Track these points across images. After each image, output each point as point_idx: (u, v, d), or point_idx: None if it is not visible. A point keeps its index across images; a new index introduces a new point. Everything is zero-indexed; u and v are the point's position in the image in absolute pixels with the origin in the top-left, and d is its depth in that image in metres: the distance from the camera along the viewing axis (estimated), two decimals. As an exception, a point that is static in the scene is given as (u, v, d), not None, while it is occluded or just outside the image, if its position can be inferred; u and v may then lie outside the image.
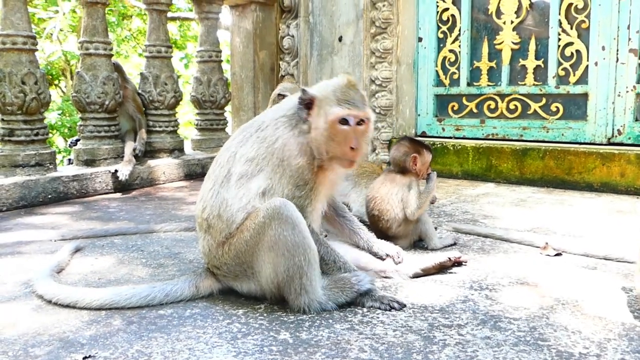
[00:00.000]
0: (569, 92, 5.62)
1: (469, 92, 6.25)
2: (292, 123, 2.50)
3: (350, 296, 2.40)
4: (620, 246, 3.12)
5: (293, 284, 2.34)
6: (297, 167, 2.44)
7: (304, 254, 2.32)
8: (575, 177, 5.23)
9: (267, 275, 2.38)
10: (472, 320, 2.26)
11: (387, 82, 6.46)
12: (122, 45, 19.25)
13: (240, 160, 2.48)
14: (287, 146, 2.45)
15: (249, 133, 2.54)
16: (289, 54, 7.21)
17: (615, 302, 2.43)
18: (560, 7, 5.61)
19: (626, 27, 5.24)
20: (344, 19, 6.83)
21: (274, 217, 2.33)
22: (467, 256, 3.10)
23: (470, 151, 5.86)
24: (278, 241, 2.32)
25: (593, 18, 5.43)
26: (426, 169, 3.35)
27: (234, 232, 2.42)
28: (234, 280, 2.52)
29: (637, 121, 5.27)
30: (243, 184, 2.44)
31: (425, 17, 6.48)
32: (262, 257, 2.37)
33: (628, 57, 5.26)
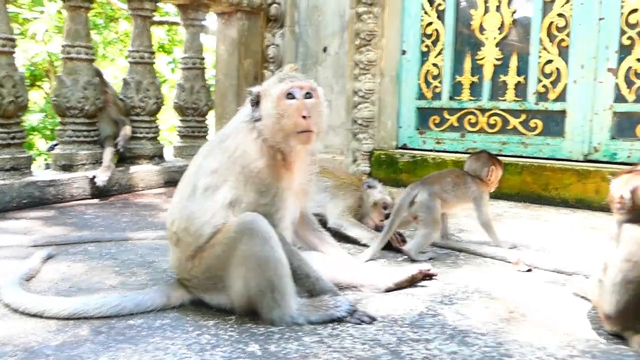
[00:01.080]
0: (548, 109, 5.69)
1: (451, 106, 6.31)
2: (249, 127, 2.49)
3: (323, 317, 2.38)
4: (590, 262, 3.15)
5: (265, 299, 2.34)
6: (257, 171, 2.43)
7: (275, 268, 2.33)
8: (551, 192, 5.29)
9: (238, 289, 2.38)
10: (441, 334, 2.27)
11: (370, 93, 6.50)
12: (108, 48, 19.16)
13: (205, 172, 2.47)
14: (246, 152, 2.45)
15: (212, 145, 2.55)
16: (273, 62, 7.23)
17: (581, 318, 2.46)
18: (542, 25, 5.70)
19: (605, 47, 5.33)
20: (329, 30, 6.87)
21: (245, 232, 2.33)
22: (440, 270, 3.12)
23: (450, 164, 5.89)
24: (249, 256, 2.33)
25: (573, 37, 5.51)
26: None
27: (203, 246, 2.41)
28: (204, 293, 2.52)
29: (614, 139, 5.35)
30: (208, 197, 2.44)
31: (410, 31, 6.54)
32: (233, 272, 2.37)
33: (606, 76, 5.35)
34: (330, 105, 7.19)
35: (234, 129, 2.56)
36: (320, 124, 2.52)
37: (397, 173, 6.30)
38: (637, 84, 5.21)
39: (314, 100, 2.48)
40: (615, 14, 5.28)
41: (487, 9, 6.04)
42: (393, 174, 6.32)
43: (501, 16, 5.95)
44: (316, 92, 2.50)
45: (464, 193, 3.58)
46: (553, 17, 5.63)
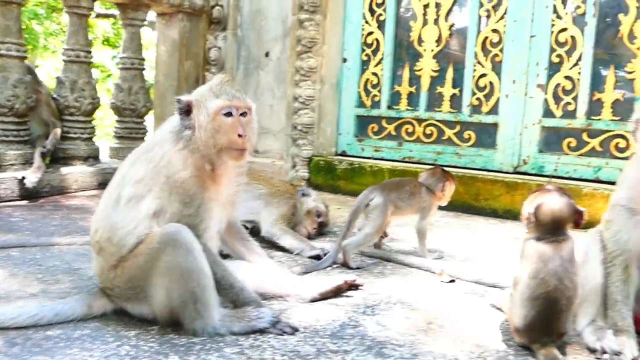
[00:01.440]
0: (481, 122, 5.88)
1: (389, 115, 6.43)
2: (176, 137, 2.49)
3: (245, 329, 2.40)
4: (509, 274, 3.29)
5: (187, 310, 2.35)
6: (181, 181, 2.43)
7: (197, 280, 2.34)
8: (482, 203, 5.47)
9: (160, 300, 2.38)
10: (359, 346, 2.33)
11: (311, 100, 6.55)
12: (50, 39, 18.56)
13: (129, 182, 2.46)
14: (171, 162, 2.45)
15: (138, 154, 2.54)
16: (215, 65, 7.19)
17: (494, 329, 2.56)
18: (477, 40, 5.88)
19: (535, 63, 5.56)
20: (272, 35, 6.89)
21: (169, 243, 2.33)
22: (367, 280, 3.19)
23: (387, 173, 6.01)
24: (172, 267, 2.33)
25: (506, 53, 5.72)
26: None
27: (126, 256, 2.40)
28: (127, 302, 2.50)
29: (541, 153, 5.57)
30: (132, 207, 2.42)
31: (351, 39, 6.63)
32: (156, 282, 2.37)
33: (536, 91, 5.57)
34: (271, 110, 7.20)
35: (161, 138, 2.55)
36: (253, 140, 2.57)
37: (335, 180, 6.37)
38: (564, 100, 5.45)
39: (249, 117, 2.53)
40: (545, 32, 5.51)
41: (425, 21, 6.18)
42: (331, 180, 6.39)
43: (439, 29, 6.11)
44: (251, 110, 2.54)
45: (417, 203, 3.72)
46: (488, 32, 5.83)
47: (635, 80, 5.12)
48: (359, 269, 3.43)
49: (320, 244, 4.03)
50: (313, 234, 4.21)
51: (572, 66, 5.39)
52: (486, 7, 5.84)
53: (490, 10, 5.83)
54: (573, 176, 5.38)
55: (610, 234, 2.49)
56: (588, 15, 5.29)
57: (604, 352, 2.30)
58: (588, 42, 5.29)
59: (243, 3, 7.04)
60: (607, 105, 5.27)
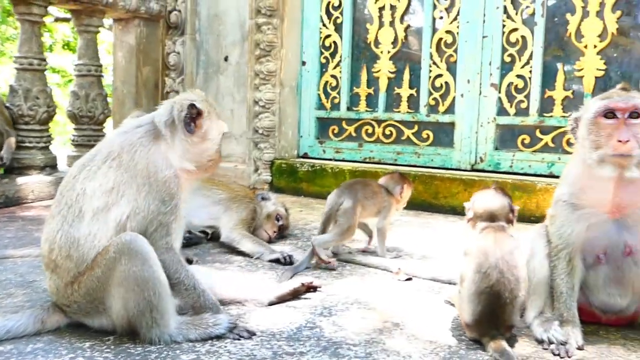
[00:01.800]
0: (439, 121, 5.99)
1: (349, 116, 6.49)
2: (154, 140, 2.53)
3: (202, 336, 2.41)
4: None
5: (144, 318, 2.35)
6: (163, 180, 2.47)
7: (154, 288, 2.34)
8: (441, 201, 5.56)
9: (117, 310, 2.37)
10: (315, 347, 2.36)
11: (271, 103, 6.57)
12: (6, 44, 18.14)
13: (95, 194, 2.42)
14: (152, 162, 2.47)
15: (95, 166, 2.48)
16: (174, 70, 7.15)
17: (447, 325, 2.63)
18: (432, 41, 5.99)
19: (488, 63, 5.68)
20: (230, 39, 6.88)
21: (124, 252, 2.32)
22: (325, 281, 3.23)
23: (348, 174, 6.07)
24: (128, 276, 2.32)
25: (460, 53, 5.83)
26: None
27: (83, 270, 2.38)
28: (85, 317, 2.47)
29: (497, 150, 5.70)
30: (99, 219, 2.40)
31: (309, 42, 6.67)
32: (112, 293, 2.36)
33: (489, 90, 5.70)
34: (232, 114, 7.20)
35: (127, 145, 2.51)
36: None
37: (297, 182, 6.40)
38: (517, 99, 5.59)
39: None
40: (497, 33, 5.64)
41: (381, 23, 6.27)
42: (293, 183, 6.42)
43: (395, 31, 6.20)
44: None
45: (380, 202, 3.83)
46: (442, 33, 5.94)
47: (584, 77, 5.28)
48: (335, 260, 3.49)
49: (280, 247, 4.06)
50: (274, 237, 4.23)
51: (523, 65, 5.53)
52: (440, 9, 5.96)
53: (443, 12, 5.94)
54: (528, 172, 5.52)
55: (554, 228, 2.57)
56: (537, 16, 5.44)
57: (550, 343, 2.38)
58: (538, 41, 5.44)
59: (201, 8, 7.02)
60: (558, 103, 5.42)
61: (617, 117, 2.35)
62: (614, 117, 2.36)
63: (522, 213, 5.09)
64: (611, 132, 2.35)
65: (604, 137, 2.36)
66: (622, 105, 2.35)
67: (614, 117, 2.36)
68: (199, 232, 4.17)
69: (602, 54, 5.22)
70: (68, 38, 19.27)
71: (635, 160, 2.31)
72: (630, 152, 2.30)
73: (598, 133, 2.39)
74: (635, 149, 2.30)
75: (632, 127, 2.33)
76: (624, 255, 2.51)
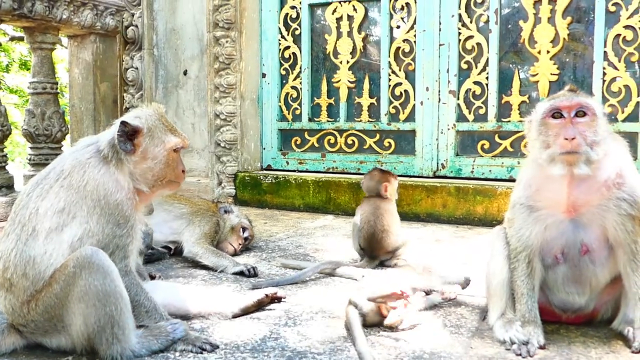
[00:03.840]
0: (400, 129, 6.05)
1: (311, 127, 6.51)
2: (103, 160, 2.46)
3: (164, 344, 2.39)
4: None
5: (105, 334, 2.29)
6: (116, 203, 2.41)
7: (115, 303, 2.28)
8: (404, 208, 5.58)
9: (77, 327, 2.30)
10: (279, 357, 2.34)
11: (232, 116, 6.54)
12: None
13: (47, 214, 2.36)
14: (103, 185, 2.41)
15: (47, 184, 2.42)
16: (133, 86, 7.06)
17: (411, 331, 2.63)
18: (390, 50, 6.06)
19: (446, 70, 5.77)
20: (189, 53, 6.84)
21: (84, 267, 2.27)
22: (290, 291, 3.22)
23: (311, 184, 6.08)
24: (88, 291, 2.26)
25: (418, 61, 5.91)
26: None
27: (40, 288, 2.32)
28: (43, 336, 2.40)
29: (458, 156, 5.79)
30: (53, 238, 2.34)
31: (268, 54, 6.68)
32: (72, 309, 2.29)
33: (448, 97, 5.79)
34: (193, 128, 7.12)
35: (79, 165, 2.45)
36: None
37: (261, 194, 6.38)
38: (475, 105, 5.69)
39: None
40: (453, 41, 5.74)
41: (340, 33, 6.32)
42: (258, 195, 6.39)
43: (353, 41, 6.25)
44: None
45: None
46: (399, 42, 6.02)
47: (539, 82, 5.41)
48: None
49: (245, 259, 4.04)
50: (239, 249, 4.20)
51: (480, 72, 5.64)
52: (396, 18, 6.04)
53: (400, 21, 6.03)
54: (489, 177, 5.61)
55: (513, 231, 2.60)
56: (491, 23, 5.56)
57: (512, 343, 2.41)
58: (493, 48, 5.56)
59: (158, 22, 6.96)
60: (515, 108, 5.54)
61: (564, 116, 2.40)
62: (561, 117, 2.41)
63: (484, 217, 5.23)
64: (558, 131, 2.39)
65: (552, 136, 2.41)
66: (567, 103, 2.41)
67: (561, 117, 2.41)
68: (162, 248, 4.10)
69: (556, 59, 5.36)
70: (25, 58, 18.90)
71: (583, 157, 2.36)
72: (577, 149, 2.35)
73: (547, 133, 2.43)
74: (582, 146, 2.35)
75: (578, 125, 2.38)
76: (581, 254, 2.55)
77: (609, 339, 2.53)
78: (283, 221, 5.55)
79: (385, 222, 3.80)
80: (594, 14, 5.21)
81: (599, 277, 2.56)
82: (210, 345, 2.43)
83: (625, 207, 2.44)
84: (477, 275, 3.09)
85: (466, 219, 5.35)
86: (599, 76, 5.17)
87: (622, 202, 2.44)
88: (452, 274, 3.27)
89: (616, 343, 2.49)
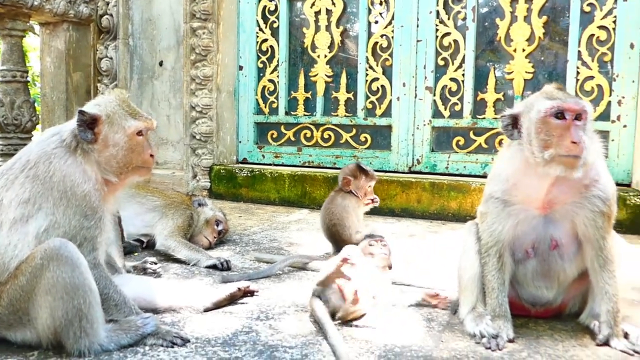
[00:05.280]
0: (376, 124, 6.06)
1: (287, 121, 6.49)
2: (69, 151, 2.43)
3: (133, 338, 2.36)
4: (399, 270, 3.41)
5: (72, 328, 2.24)
6: (83, 195, 2.37)
7: (83, 296, 2.24)
8: (380, 203, 5.59)
9: (44, 320, 2.26)
10: (251, 351, 2.33)
11: (208, 109, 6.48)
12: None
13: (12, 205, 2.32)
14: (69, 176, 2.37)
15: (12, 175, 2.38)
16: (107, 76, 6.96)
17: (383, 325, 2.64)
18: (368, 45, 6.06)
19: (423, 66, 5.79)
20: (165, 44, 6.76)
21: (52, 258, 2.22)
22: (263, 285, 3.20)
23: (287, 178, 6.06)
24: (56, 284, 2.22)
25: (395, 57, 5.92)
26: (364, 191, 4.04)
27: (5, 280, 2.27)
28: (8, 330, 2.35)
29: (433, 152, 5.82)
30: (18, 229, 2.30)
31: (246, 47, 6.63)
32: (38, 302, 2.24)
33: (425, 93, 5.81)
34: (168, 120, 7.05)
35: (45, 155, 2.41)
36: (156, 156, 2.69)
37: (236, 188, 6.34)
38: (451, 101, 5.72)
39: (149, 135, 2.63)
40: (431, 37, 5.76)
41: (318, 27, 6.30)
42: (233, 188, 6.36)
43: (331, 35, 6.24)
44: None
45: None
46: (377, 37, 6.02)
47: (514, 80, 5.46)
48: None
49: (219, 252, 4.00)
50: (213, 243, 4.16)
51: (456, 68, 5.67)
52: (375, 14, 6.04)
53: (378, 17, 6.03)
54: (463, 173, 5.65)
55: (485, 225, 2.61)
56: (468, 20, 5.59)
57: (482, 337, 2.43)
58: (470, 45, 5.59)
59: (133, 12, 6.87)
60: (490, 105, 5.58)
61: (566, 118, 2.37)
62: (563, 118, 2.37)
63: (458, 213, 5.26)
64: (562, 132, 2.35)
65: (556, 137, 2.36)
66: (575, 107, 2.36)
67: (563, 118, 2.37)
68: (134, 241, 4.05)
69: (531, 58, 5.41)
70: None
71: (582, 161, 2.35)
72: (581, 153, 2.33)
73: (549, 132, 2.38)
74: (584, 150, 2.34)
75: (577, 128, 2.36)
76: (550, 249, 2.58)
77: (576, 332, 2.57)
78: (258, 215, 5.52)
79: (335, 216, 3.82)
80: (569, 14, 5.27)
81: (567, 271, 2.60)
82: (181, 339, 2.41)
83: (598, 204, 2.47)
84: (449, 270, 3.11)
85: (440, 214, 5.39)
86: (573, 75, 5.24)
87: (597, 199, 2.47)
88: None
89: (583, 336, 2.53)
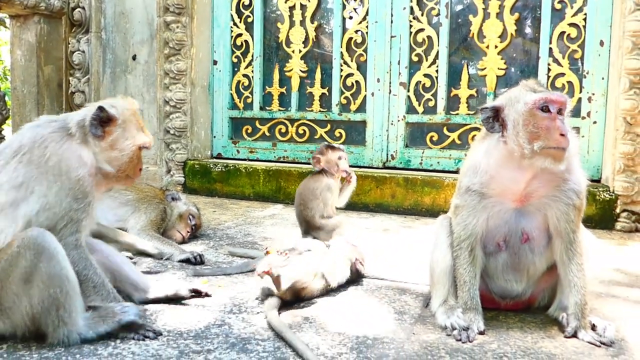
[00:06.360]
0: (350, 120, 6.08)
1: (262, 116, 6.47)
2: (67, 135, 2.48)
3: (111, 326, 2.35)
4: (372, 264, 3.44)
5: (50, 317, 2.25)
6: (77, 179, 2.43)
7: (60, 285, 2.24)
8: (354, 198, 5.54)
9: (20, 310, 2.24)
10: (223, 344, 2.33)
11: (182, 103, 6.43)
12: None
13: (3, 189, 2.34)
14: (65, 160, 2.42)
15: (3, 160, 2.39)
16: (79, 70, 6.86)
17: (355, 318, 2.66)
18: (342, 41, 6.07)
19: (397, 62, 5.83)
20: (138, 38, 6.68)
21: (30, 247, 2.22)
22: (237, 279, 3.20)
23: (262, 173, 6.05)
24: (33, 273, 2.22)
25: (369, 52, 5.94)
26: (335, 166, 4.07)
27: None
28: None
29: (407, 147, 5.86)
30: (7, 215, 2.31)
31: (220, 41, 6.59)
32: (14, 291, 2.23)
33: (399, 89, 5.84)
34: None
35: (38, 139, 2.44)
36: None
37: (211, 183, 6.31)
38: (425, 97, 5.77)
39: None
40: (405, 33, 5.79)
41: (292, 22, 6.29)
42: (207, 183, 6.32)
43: (305, 30, 6.23)
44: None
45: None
46: (352, 33, 6.04)
47: (487, 76, 5.52)
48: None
49: (192, 247, 3.98)
50: (187, 237, 4.14)
51: (430, 64, 5.72)
52: (349, 9, 6.06)
53: (353, 12, 6.05)
54: (437, 168, 5.70)
55: (460, 219, 2.62)
56: (442, 17, 5.64)
57: (453, 329, 2.47)
58: (443, 41, 5.64)
59: (106, 5, 6.78)
60: (463, 101, 5.64)
61: (551, 111, 2.39)
62: (548, 111, 2.39)
63: (432, 208, 5.31)
64: (549, 125, 2.38)
65: (543, 129, 2.38)
66: (560, 99, 2.39)
67: (548, 111, 2.39)
68: (106, 235, 4.01)
69: (503, 54, 5.48)
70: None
71: (566, 154, 2.39)
72: (568, 145, 2.37)
73: (536, 125, 2.40)
74: (570, 143, 2.38)
75: (561, 121, 2.39)
76: (522, 243, 2.62)
77: (545, 324, 2.63)
78: (232, 210, 5.50)
79: (302, 199, 3.98)
80: (540, 11, 5.34)
81: (536, 265, 2.64)
82: (153, 332, 2.40)
83: (572, 197, 2.51)
84: (421, 264, 3.14)
85: (414, 209, 5.43)
86: (544, 72, 5.32)
87: (571, 192, 2.51)
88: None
89: (551, 328, 2.58)
